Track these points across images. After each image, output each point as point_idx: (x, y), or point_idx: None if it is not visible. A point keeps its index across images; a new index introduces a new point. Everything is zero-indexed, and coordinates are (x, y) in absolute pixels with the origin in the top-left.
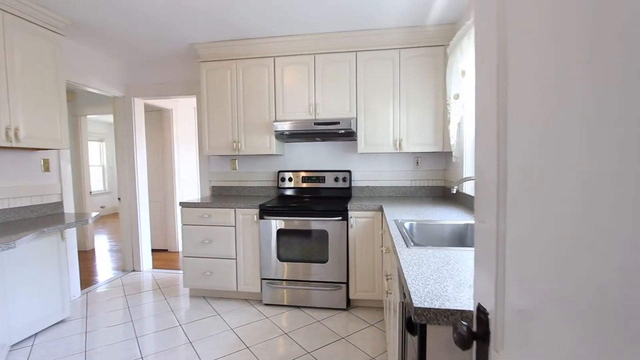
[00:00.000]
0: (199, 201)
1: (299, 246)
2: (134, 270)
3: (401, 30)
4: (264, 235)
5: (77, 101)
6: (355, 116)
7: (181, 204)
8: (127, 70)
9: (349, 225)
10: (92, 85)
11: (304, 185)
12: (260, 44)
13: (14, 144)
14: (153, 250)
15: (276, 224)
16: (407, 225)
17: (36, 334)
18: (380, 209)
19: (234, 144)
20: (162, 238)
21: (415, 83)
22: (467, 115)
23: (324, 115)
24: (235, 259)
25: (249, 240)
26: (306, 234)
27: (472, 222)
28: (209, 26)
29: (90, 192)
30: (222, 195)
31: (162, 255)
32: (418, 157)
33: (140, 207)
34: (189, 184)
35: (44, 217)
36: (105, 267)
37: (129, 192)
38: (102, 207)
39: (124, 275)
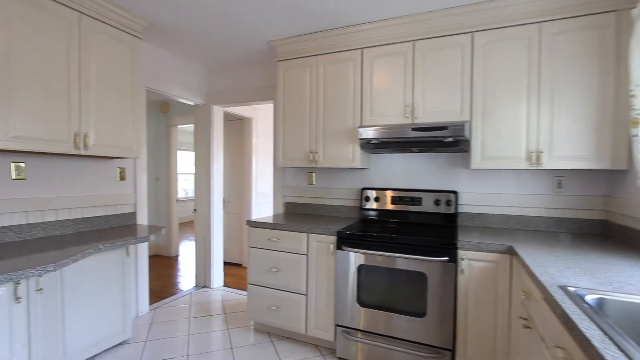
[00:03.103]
0: (267, 221)
1: (386, 289)
2: (204, 287)
3: None
4: (341, 270)
5: (170, 112)
6: (468, 119)
7: (248, 222)
8: (207, 76)
9: (459, 270)
10: (173, 93)
11: (394, 207)
12: (345, 34)
13: (82, 152)
14: (227, 264)
15: (357, 257)
16: (590, 300)
17: (95, 355)
18: (510, 251)
19: (311, 154)
20: (237, 252)
21: (564, 69)
22: None
23: (425, 118)
24: (306, 294)
25: (323, 274)
26: (396, 274)
27: None
28: (286, 17)
29: (177, 200)
30: (295, 214)
31: (236, 270)
32: (561, 177)
33: (214, 219)
34: (266, 197)
35: (116, 229)
36: (183, 277)
37: (204, 203)
38: (195, 210)
39: (195, 292)
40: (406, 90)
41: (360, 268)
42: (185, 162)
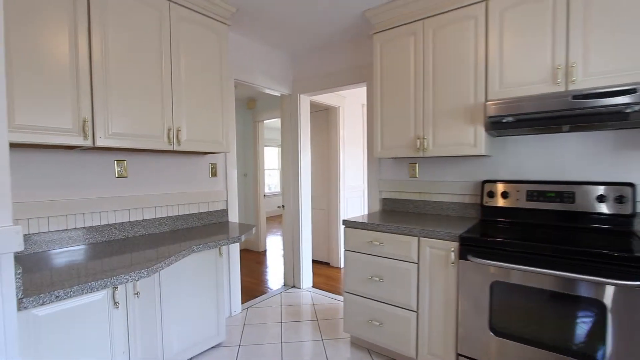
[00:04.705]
0: (367, 220)
1: (535, 318)
2: (294, 287)
3: None
4: (465, 285)
5: (256, 108)
6: None
7: (345, 222)
8: (292, 63)
9: None
10: (259, 83)
11: (530, 205)
12: None
13: (175, 147)
14: (315, 262)
15: (490, 272)
16: None
17: (190, 359)
18: None
19: (418, 141)
20: (324, 250)
21: None
22: None
23: (587, 83)
24: (417, 311)
25: (440, 289)
26: (553, 299)
27: None
28: None
29: (264, 195)
30: (395, 212)
31: (323, 269)
32: None
33: (303, 217)
34: (355, 191)
35: (209, 226)
36: (271, 274)
37: (292, 199)
38: (279, 206)
39: (285, 292)
40: (556, 46)
41: (494, 286)
42: (268, 158)
